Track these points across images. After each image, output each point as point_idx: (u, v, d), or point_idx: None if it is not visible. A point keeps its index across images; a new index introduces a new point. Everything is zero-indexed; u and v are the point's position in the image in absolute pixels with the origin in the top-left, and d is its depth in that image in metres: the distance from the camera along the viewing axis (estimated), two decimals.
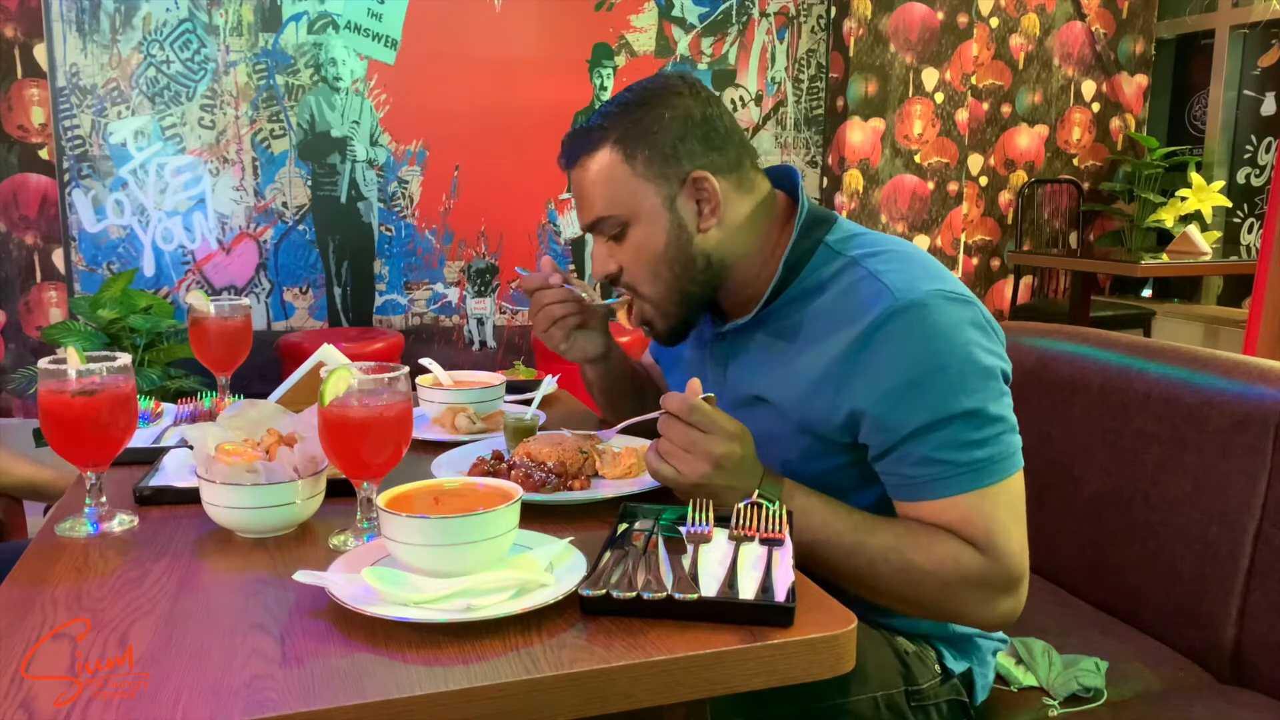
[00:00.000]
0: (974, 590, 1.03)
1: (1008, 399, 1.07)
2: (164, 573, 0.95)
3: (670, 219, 1.14)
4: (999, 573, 1.03)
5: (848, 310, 1.09)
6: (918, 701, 1.15)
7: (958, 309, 1.05)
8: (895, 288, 1.06)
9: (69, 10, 3.41)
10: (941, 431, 1.02)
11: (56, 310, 3.45)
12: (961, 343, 1.04)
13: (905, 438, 1.03)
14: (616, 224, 1.16)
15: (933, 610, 1.08)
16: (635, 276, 1.18)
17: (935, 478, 1.03)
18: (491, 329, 4.04)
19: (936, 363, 1.02)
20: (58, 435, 1.05)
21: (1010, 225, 4.90)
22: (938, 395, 1.02)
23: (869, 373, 1.05)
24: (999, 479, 1.03)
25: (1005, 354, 1.09)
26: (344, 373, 1.00)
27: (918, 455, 1.03)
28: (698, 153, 1.14)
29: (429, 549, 0.86)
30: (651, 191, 1.14)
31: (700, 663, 0.79)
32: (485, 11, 3.83)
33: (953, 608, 1.06)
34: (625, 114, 1.14)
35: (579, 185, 1.18)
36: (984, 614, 1.06)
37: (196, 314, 1.46)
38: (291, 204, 3.72)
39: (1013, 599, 1.05)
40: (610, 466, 1.19)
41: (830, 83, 4.31)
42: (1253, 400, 1.31)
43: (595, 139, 1.15)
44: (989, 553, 1.02)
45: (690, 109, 1.15)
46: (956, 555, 1.02)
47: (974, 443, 1.02)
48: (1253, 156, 4.79)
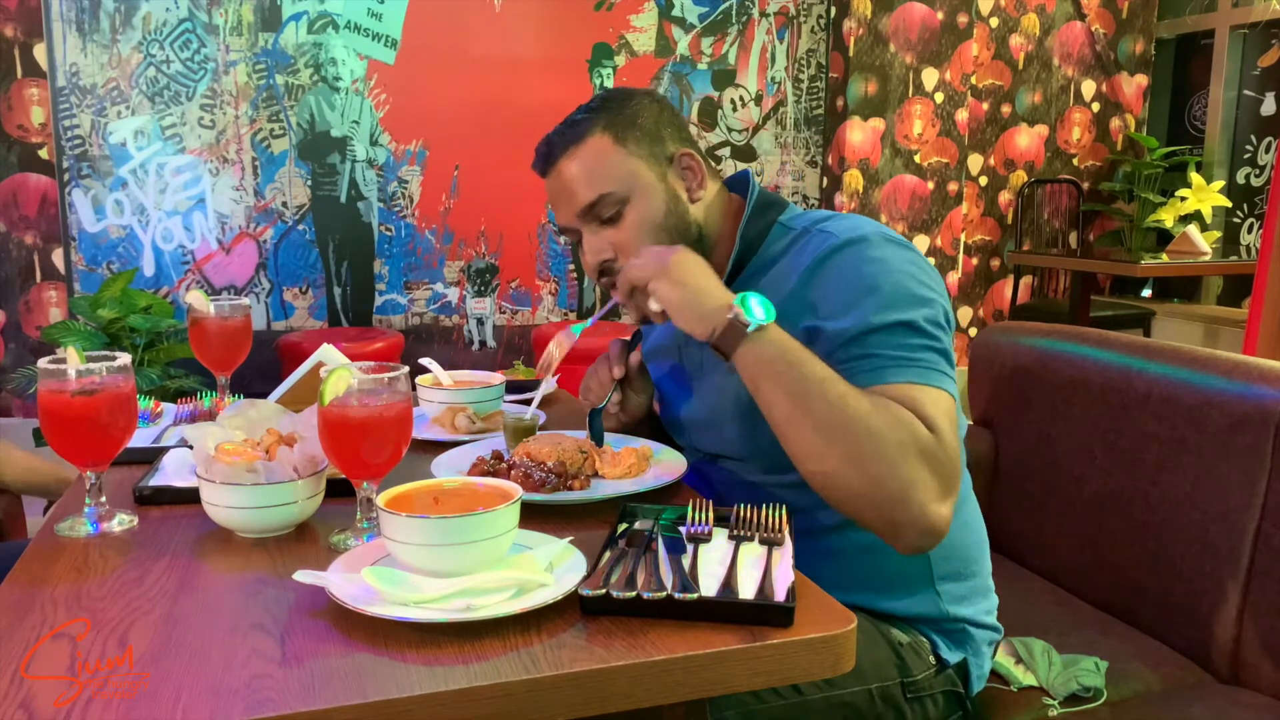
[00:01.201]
0: (923, 464, 0.97)
1: (943, 330, 1.09)
2: (164, 573, 0.95)
3: (665, 189, 1.22)
4: (944, 457, 0.99)
5: (798, 263, 1.17)
6: (913, 693, 1.16)
7: (895, 248, 1.13)
8: (838, 232, 1.15)
9: (69, 10, 3.41)
10: (872, 335, 1.06)
11: (56, 310, 3.45)
12: (894, 271, 1.09)
13: (841, 344, 1.07)
14: (615, 202, 1.20)
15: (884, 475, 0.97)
16: (635, 251, 1.19)
17: (867, 369, 1.05)
18: (491, 329, 4.04)
19: (869, 283, 1.09)
20: (57, 435, 1.05)
21: (1010, 225, 4.90)
22: (869, 308, 1.07)
23: (814, 298, 1.12)
24: (929, 382, 1.04)
25: (944, 295, 1.12)
26: (344, 373, 1.00)
27: (847, 355, 1.06)
28: (676, 137, 1.25)
29: (429, 549, 0.86)
30: (645, 168, 1.21)
31: (700, 663, 0.79)
32: (485, 11, 3.83)
33: (901, 476, 0.97)
34: (607, 106, 1.23)
35: (567, 177, 1.21)
36: (924, 499, 0.97)
37: (196, 314, 1.46)
38: (291, 204, 3.72)
39: (947, 505, 1.00)
40: (610, 466, 1.19)
41: (830, 83, 4.32)
42: (1253, 400, 1.31)
43: (583, 129, 1.21)
44: (934, 433, 1.00)
45: (660, 102, 1.27)
46: (913, 420, 0.99)
47: (902, 345, 1.05)
48: (1252, 156, 4.79)
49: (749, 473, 1.22)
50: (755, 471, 1.21)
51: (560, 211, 1.24)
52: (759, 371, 1.02)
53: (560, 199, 1.23)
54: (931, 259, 3.94)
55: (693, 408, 1.28)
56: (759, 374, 1.02)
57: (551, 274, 4.09)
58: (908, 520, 0.98)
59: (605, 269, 1.22)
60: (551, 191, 1.24)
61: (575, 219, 1.22)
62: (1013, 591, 1.44)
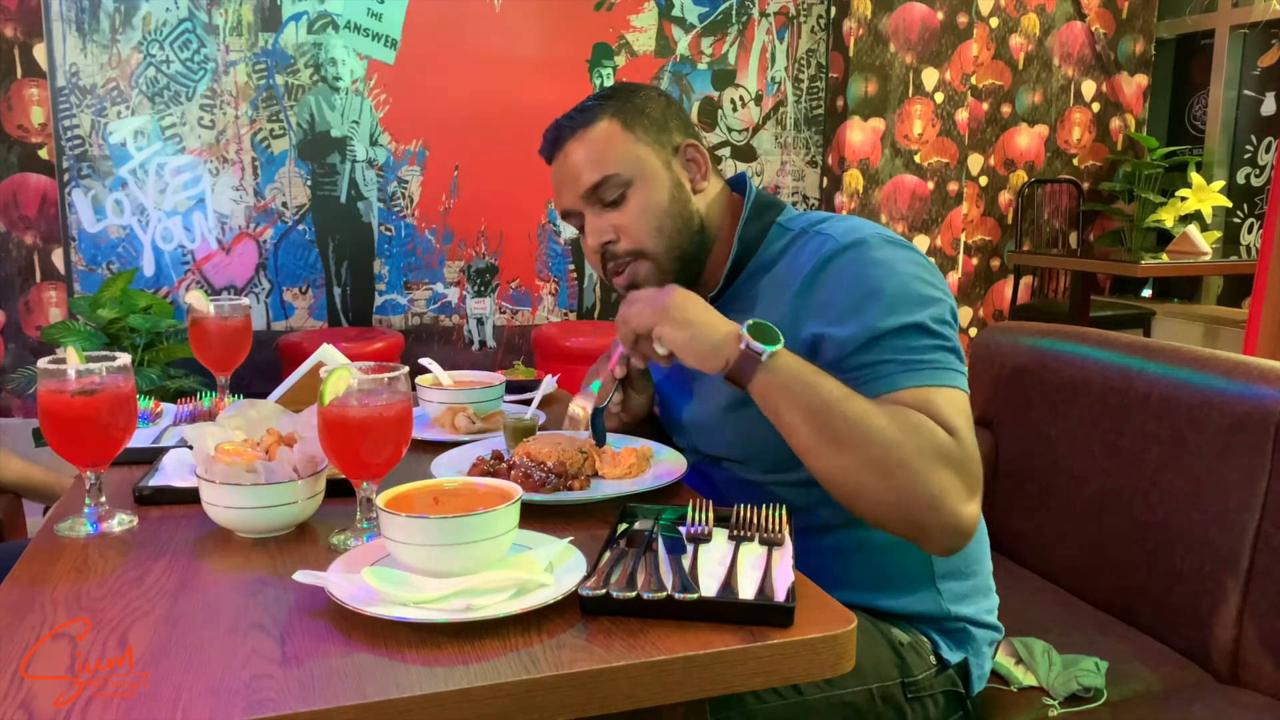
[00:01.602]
0: (946, 467, 0.98)
1: (950, 328, 1.10)
2: (164, 573, 0.95)
3: (670, 177, 1.24)
4: (967, 457, 1.00)
5: (797, 266, 1.17)
6: (914, 693, 1.16)
7: (895, 249, 1.13)
8: (837, 234, 1.16)
9: (69, 10, 3.41)
10: (883, 340, 1.06)
11: (56, 310, 3.45)
12: (898, 272, 1.10)
13: (849, 353, 1.07)
14: (619, 184, 1.21)
15: (910, 484, 0.98)
16: (637, 234, 1.22)
17: (882, 375, 1.05)
18: (491, 329, 4.04)
19: (873, 286, 1.09)
20: (57, 435, 1.05)
21: (1010, 225, 4.90)
22: (877, 312, 1.07)
23: (817, 306, 1.12)
24: (943, 383, 1.04)
25: (948, 293, 1.13)
26: (344, 373, 1.00)
27: (859, 362, 1.07)
28: (682, 129, 1.27)
29: (429, 549, 0.86)
30: (651, 154, 1.23)
31: (700, 663, 0.79)
32: (485, 11, 3.83)
33: (927, 483, 0.98)
34: (617, 95, 1.25)
35: (573, 160, 1.23)
36: (952, 504, 0.98)
37: (196, 314, 1.46)
38: (291, 204, 3.72)
39: (974, 504, 1.01)
40: (610, 466, 1.19)
41: (830, 83, 4.31)
42: (1253, 400, 1.31)
43: (592, 115, 1.24)
44: (953, 435, 1.00)
45: (668, 97, 1.30)
46: (932, 426, 0.99)
47: (914, 348, 1.06)
48: (1253, 156, 4.79)
49: (750, 473, 1.22)
50: (756, 471, 1.21)
51: (564, 195, 1.25)
52: (777, 398, 1.02)
53: (565, 182, 1.24)
54: (931, 259, 3.93)
55: (693, 410, 1.28)
56: (777, 401, 1.02)
57: (551, 274, 4.09)
58: (937, 524, 1.00)
59: (606, 252, 1.23)
60: (556, 175, 1.25)
61: (579, 200, 1.23)
62: (1013, 591, 1.44)
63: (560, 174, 1.25)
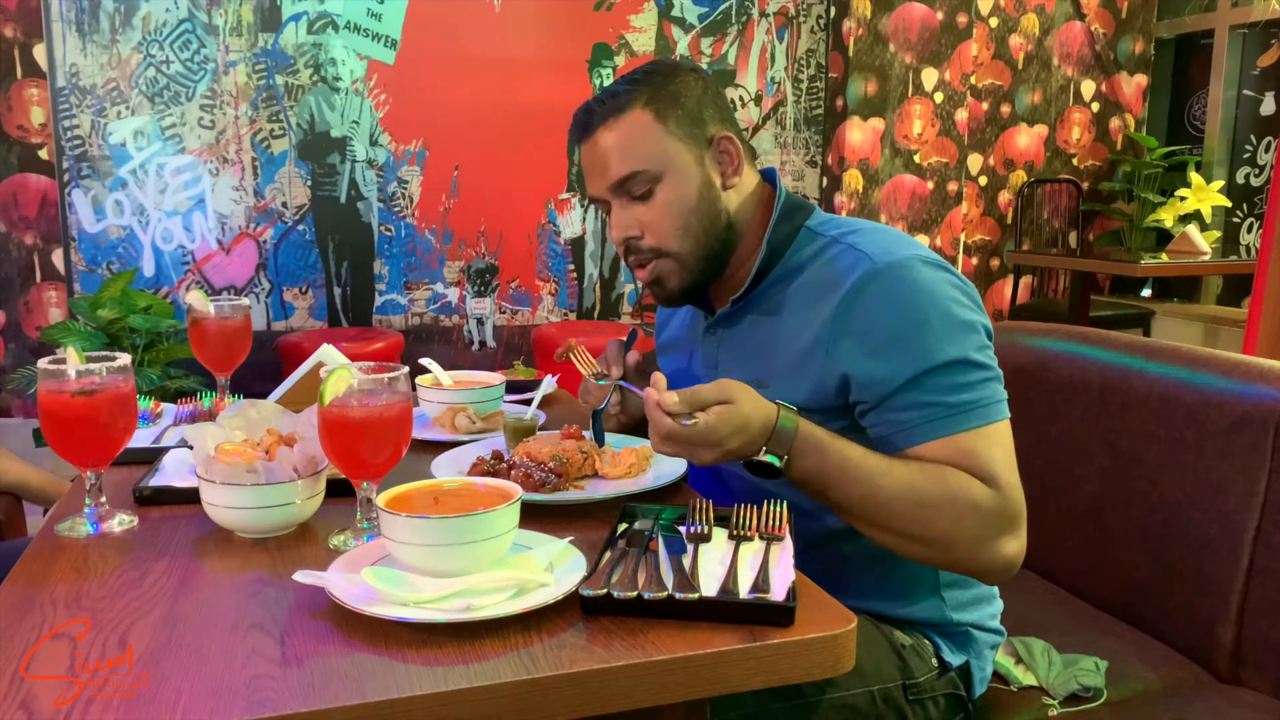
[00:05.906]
0: (985, 525, 1.03)
1: (990, 351, 1.10)
2: (164, 573, 0.95)
3: (700, 174, 1.19)
4: (1007, 507, 1.04)
5: (829, 279, 1.14)
6: (915, 695, 1.15)
7: (933, 270, 1.11)
8: (873, 253, 1.12)
9: (69, 10, 3.41)
10: (930, 379, 1.06)
11: (56, 310, 3.45)
12: (940, 298, 1.08)
13: (895, 390, 1.07)
14: (648, 180, 1.18)
15: (944, 548, 1.04)
16: (662, 232, 1.19)
17: (929, 419, 1.06)
18: (491, 329, 4.04)
19: (918, 317, 1.07)
20: (57, 435, 1.05)
21: (1010, 225, 4.90)
22: (923, 347, 1.06)
23: (854, 333, 1.09)
24: (990, 421, 1.06)
25: (984, 311, 1.13)
26: (344, 373, 1.00)
27: (908, 402, 1.06)
28: (718, 118, 1.21)
29: (429, 549, 0.86)
30: (682, 149, 1.18)
31: (700, 663, 0.79)
32: (485, 11, 3.83)
33: (964, 546, 1.03)
34: (651, 80, 1.20)
35: (603, 147, 1.19)
36: (993, 554, 1.04)
37: (196, 314, 1.46)
38: (291, 204, 3.72)
39: (1017, 541, 1.05)
40: (610, 466, 1.19)
41: (830, 83, 4.31)
42: (1253, 400, 1.31)
43: (624, 101, 1.18)
44: (994, 484, 1.03)
45: (706, 81, 1.23)
46: (969, 487, 1.02)
47: (961, 386, 1.06)
48: (1252, 156, 4.79)
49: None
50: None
51: (592, 182, 1.22)
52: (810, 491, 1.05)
53: (594, 169, 1.21)
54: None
55: None
56: (812, 492, 1.05)
57: (551, 274, 4.09)
58: (981, 570, 1.07)
59: (630, 245, 1.22)
60: (585, 160, 1.22)
61: (606, 191, 1.20)
62: (1013, 591, 1.43)
63: (589, 160, 1.22)
